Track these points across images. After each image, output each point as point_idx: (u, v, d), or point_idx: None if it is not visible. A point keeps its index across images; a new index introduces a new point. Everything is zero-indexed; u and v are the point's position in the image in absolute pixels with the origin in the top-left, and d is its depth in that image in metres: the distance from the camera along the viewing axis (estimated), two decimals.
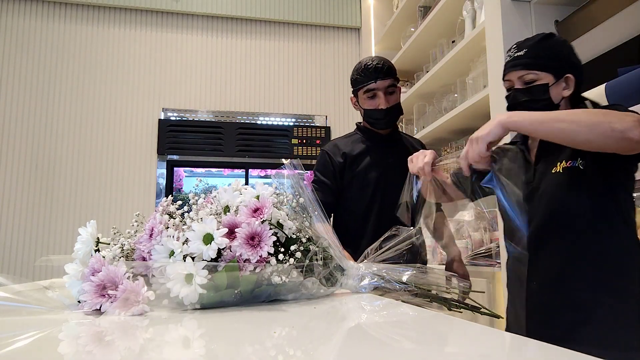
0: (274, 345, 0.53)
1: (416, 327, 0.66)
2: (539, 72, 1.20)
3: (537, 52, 1.21)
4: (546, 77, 1.20)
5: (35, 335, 0.57)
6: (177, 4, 3.96)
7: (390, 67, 1.76)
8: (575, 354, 0.43)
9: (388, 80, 1.72)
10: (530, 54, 1.22)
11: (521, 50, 1.23)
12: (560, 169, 1.17)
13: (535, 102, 1.20)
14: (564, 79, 1.21)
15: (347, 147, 1.81)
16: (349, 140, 1.86)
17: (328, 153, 1.82)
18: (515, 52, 1.25)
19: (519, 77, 1.23)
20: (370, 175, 1.74)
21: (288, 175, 0.94)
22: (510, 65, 1.25)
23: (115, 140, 3.79)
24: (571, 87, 1.22)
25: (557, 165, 1.18)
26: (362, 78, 1.74)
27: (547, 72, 1.20)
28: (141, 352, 0.52)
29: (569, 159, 1.16)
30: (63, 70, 3.78)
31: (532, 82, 1.21)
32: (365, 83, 1.72)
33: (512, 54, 1.26)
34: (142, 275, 0.78)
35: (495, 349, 0.51)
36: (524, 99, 1.22)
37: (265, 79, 4.13)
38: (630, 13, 1.68)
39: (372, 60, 1.74)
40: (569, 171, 1.15)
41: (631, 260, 1.11)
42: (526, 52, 1.22)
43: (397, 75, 1.79)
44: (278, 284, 0.77)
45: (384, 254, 0.95)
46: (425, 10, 3.01)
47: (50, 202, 3.61)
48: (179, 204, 0.90)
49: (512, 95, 1.25)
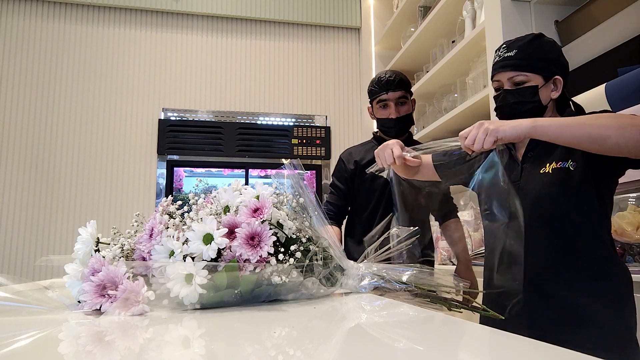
0: (274, 345, 0.53)
1: (416, 327, 0.66)
2: (529, 73, 1.20)
3: (528, 53, 1.21)
4: (536, 78, 1.20)
5: (35, 335, 0.57)
6: (177, 4, 3.96)
7: (402, 80, 1.88)
8: (575, 353, 0.43)
9: (399, 92, 1.85)
10: (520, 55, 1.21)
11: (511, 50, 1.23)
12: (549, 170, 1.17)
13: (525, 104, 1.21)
14: (552, 80, 1.21)
15: (360, 154, 1.96)
16: (363, 148, 2.00)
17: (342, 160, 1.99)
18: (505, 52, 1.24)
19: (509, 79, 1.22)
20: (376, 183, 1.86)
21: (288, 175, 0.94)
22: (500, 65, 1.24)
23: (115, 140, 3.79)
24: (559, 89, 1.22)
25: (546, 166, 1.18)
26: (376, 89, 1.88)
27: (536, 74, 1.20)
28: (141, 352, 0.52)
29: (559, 160, 1.16)
30: (63, 70, 3.78)
31: (522, 84, 1.21)
32: (378, 94, 1.87)
33: (502, 54, 1.25)
34: (142, 275, 0.78)
35: (495, 349, 0.51)
36: (513, 101, 1.22)
37: (265, 79, 4.13)
38: (630, 13, 1.68)
39: (386, 74, 1.88)
40: (558, 172, 1.16)
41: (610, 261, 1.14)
42: (516, 52, 1.21)
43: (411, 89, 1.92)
44: (278, 284, 0.77)
45: (384, 254, 0.95)
46: (425, 10, 3.01)
47: (50, 202, 3.61)
48: (179, 204, 0.90)
49: (501, 96, 1.24)
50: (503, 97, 1.24)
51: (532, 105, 1.20)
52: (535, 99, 1.20)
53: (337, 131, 4.14)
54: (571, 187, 1.14)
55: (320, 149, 4.04)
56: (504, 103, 1.24)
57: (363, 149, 1.98)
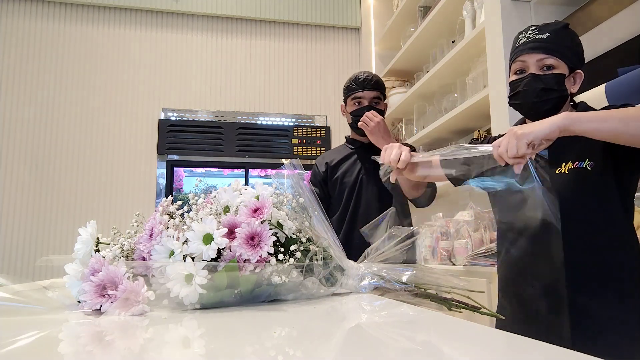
0: (274, 345, 0.53)
1: (416, 327, 0.66)
2: (559, 59, 1.13)
3: (561, 39, 1.14)
4: (563, 67, 1.14)
5: (35, 335, 0.57)
6: (177, 4, 3.96)
7: (379, 82, 1.96)
8: (575, 354, 0.42)
9: (375, 92, 1.92)
10: (554, 39, 1.13)
11: (543, 33, 1.14)
12: (565, 170, 1.12)
13: (552, 91, 1.13)
14: (574, 73, 1.16)
15: (331, 156, 2.03)
16: (335, 150, 2.09)
17: (316, 164, 2.06)
18: (536, 34, 1.15)
19: (538, 60, 1.13)
20: (345, 182, 1.93)
21: (288, 175, 0.94)
22: (530, 47, 1.14)
23: (115, 140, 3.79)
24: (578, 83, 1.17)
25: (561, 166, 1.13)
26: (352, 86, 1.95)
27: (565, 63, 1.13)
28: (141, 352, 0.52)
29: (576, 159, 1.11)
30: (63, 70, 3.78)
31: (551, 69, 1.13)
32: (354, 91, 1.94)
33: (531, 36, 1.15)
34: (142, 275, 0.78)
35: (495, 349, 0.51)
36: (541, 87, 1.13)
37: (265, 79, 4.13)
38: (630, 13, 1.68)
39: (364, 74, 1.96)
40: (575, 172, 1.11)
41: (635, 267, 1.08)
42: (549, 36, 1.13)
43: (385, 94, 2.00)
44: (278, 284, 0.77)
45: (384, 254, 0.95)
46: (425, 10, 3.01)
47: (51, 202, 3.61)
48: (179, 204, 0.90)
49: (528, 80, 1.14)
50: (529, 82, 1.14)
51: (558, 95, 1.13)
52: (562, 88, 1.13)
53: (337, 131, 4.13)
54: (590, 188, 1.09)
55: (320, 149, 4.04)
56: (529, 87, 1.14)
57: (335, 152, 2.06)
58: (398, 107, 3.32)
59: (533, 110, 1.19)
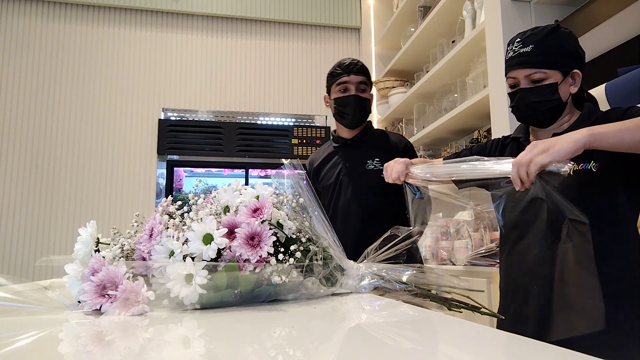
0: (274, 345, 0.53)
1: (416, 327, 0.66)
2: (547, 70, 1.14)
3: (545, 48, 1.14)
4: (554, 75, 1.14)
5: (35, 335, 0.57)
6: (177, 4, 3.96)
7: (364, 67, 1.84)
8: (575, 354, 0.42)
9: (361, 77, 1.80)
10: (537, 51, 1.14)
11: (527, 45, 1.16)
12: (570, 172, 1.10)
13: (545, 102, 1.15)
14: (570, 75, 1.16)
15: (317, 154, 1.98)
16: (321, 149, 2.01)
17: (306, 165, 2.03)
18: (521, 48, 1.16)
19: (526, 76, 1.16)
20: (328, 178, 1.86)
21: (288, 175, 0.94)
22: (516, 62, 1.17)
23: (115, 140, 3.78)
24: (578, 83, 1.17)
25: None
26: (337, 72, 1.82)
27: (555, 70, 1.14)
28: (141, 352, 0.52)
29: (580, 161, 1.10)
30: (63, 70, 3.78)
31: (540, 81, 1.15)
32: (339, 76, 1.80)
33: (517, 49, 1.17)
34: (142, 275, 0.78)
35: (495, 349, 0.51)
36: (533, 100, 1.16)
37: (265, 79, 4.13)
38: (630, 13, 1.68)
39: (348, 59, 1.84)
40: (579, 174, 1.10)
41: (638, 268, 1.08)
42: (533, 48, 1.15)
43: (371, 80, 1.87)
44: (278, 284, 0.77)
45: (384, 254, 0.95)
46: (425, 10, 3.01)
47: (50, 202, 3.61)
48: (178, 204, 0.90)
49: (520, 95, 1.18)
50: (521, 97, 1.18)
51: (552, 104, 1.15)
52: (555, 97, 1.14)
53: None
54: (595, 190, 1.08)
55: None
56: (522, 102, 1.18)
57: (321, 149, 2.01)
58: (398, 107, 3.32)
59: (532, 121, 1.23)
